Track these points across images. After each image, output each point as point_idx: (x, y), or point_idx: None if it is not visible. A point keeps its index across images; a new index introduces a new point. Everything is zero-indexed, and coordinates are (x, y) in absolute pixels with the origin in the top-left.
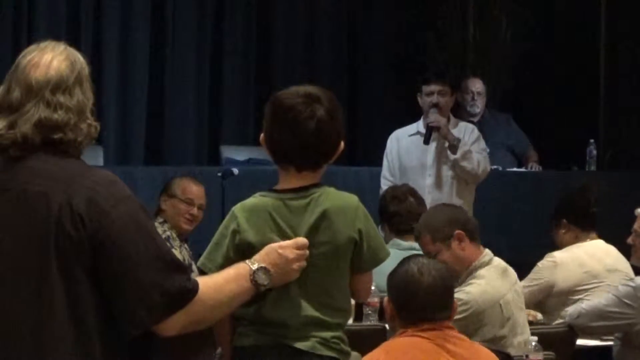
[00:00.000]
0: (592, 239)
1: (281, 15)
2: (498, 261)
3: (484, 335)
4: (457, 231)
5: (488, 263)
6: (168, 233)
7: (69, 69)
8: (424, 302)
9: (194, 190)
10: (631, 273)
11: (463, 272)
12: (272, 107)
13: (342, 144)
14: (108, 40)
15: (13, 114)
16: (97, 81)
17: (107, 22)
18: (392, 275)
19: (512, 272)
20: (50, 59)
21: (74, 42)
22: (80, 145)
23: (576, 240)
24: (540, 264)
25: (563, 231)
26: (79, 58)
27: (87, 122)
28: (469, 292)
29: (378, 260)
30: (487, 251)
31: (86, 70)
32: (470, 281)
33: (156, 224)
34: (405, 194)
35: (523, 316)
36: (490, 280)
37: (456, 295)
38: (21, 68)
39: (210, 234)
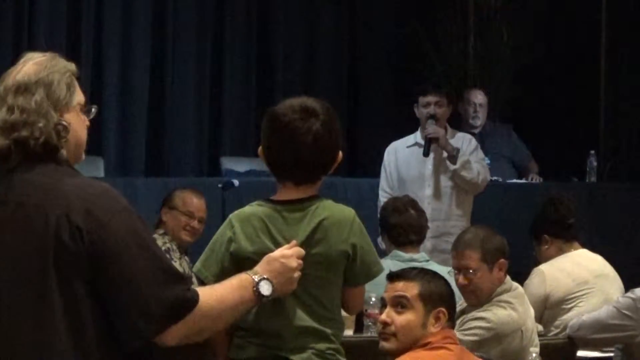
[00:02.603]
0: (575, 248)
1: (282, 27)
2: (518, 287)
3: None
4: (503, 260)
5: (510, 289)
6: (169, 245)
7: (33, 71)
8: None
9: (195, 202)
10: (619, 279)
11: (485, 297)
12: (268, 122)
13: (340, 154)
14: (109, 52)
15: None
16: (97, 92)
17: (107, 34)
18: (440, 284)
19: (527, 299)
20: (24, 66)
21: (74, 54)
22: (44, 145)
23: (560, 252)
24: (529, 280)
25: (546, 247)
26: (58, 62)
27: (48, 120)
28: (495, 314)
29: (371, 275)
30: (508, 278)
31: (63, 72)
32: (496, 304)
33: (156, 235)
34: (406, 205)
35: (536, 340)
36: (516, 306)
37: (482, 314)
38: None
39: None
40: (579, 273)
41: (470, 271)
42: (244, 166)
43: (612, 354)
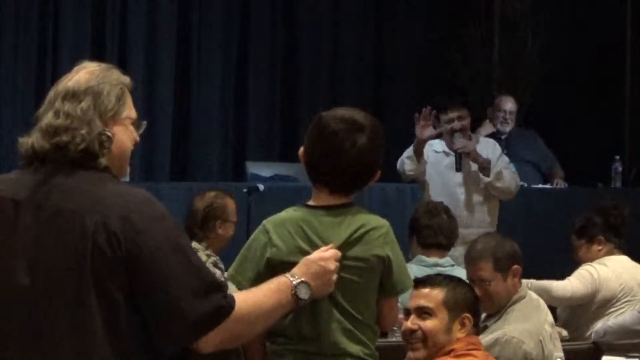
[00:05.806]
0: (619, 254)
1: (307, 33)
2: (531, 294)
3: None
4: (516, 266)
5: (524, 297)
6: (214, 259)
7: (85, 79)
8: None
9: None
10: None
11: (503, 303)
12: (316, 127)
13: (379, 173)
14: (133, 57)
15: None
16: None
17: (132, 40)
18: (465, 290)
19: (543, 304)
20: (77, 73)
21: (98, 59)
22: (84, 151)
23: (608, 255)
24: (585, 270)
25: (599, 248)
26: (111, 73)
27: (92, 128)
28: (508, 329)
29: (404, 286)
30: (523, 285)
31: (115, 84)
32: (506, 317)
33: (201, 253)
34: (439, 209)
35: (558, 346)
36: (527, 315)
37: (494, 335)
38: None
39: (236, 250)
40: (626, 279)
41: (486, 282)
42: (269, 171)
43: (637, 359)
